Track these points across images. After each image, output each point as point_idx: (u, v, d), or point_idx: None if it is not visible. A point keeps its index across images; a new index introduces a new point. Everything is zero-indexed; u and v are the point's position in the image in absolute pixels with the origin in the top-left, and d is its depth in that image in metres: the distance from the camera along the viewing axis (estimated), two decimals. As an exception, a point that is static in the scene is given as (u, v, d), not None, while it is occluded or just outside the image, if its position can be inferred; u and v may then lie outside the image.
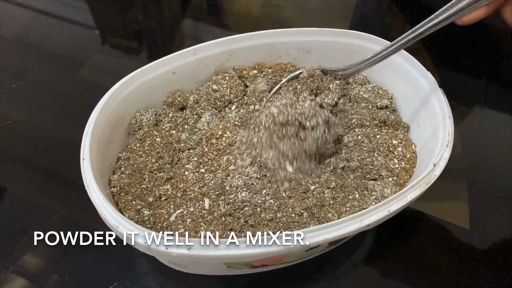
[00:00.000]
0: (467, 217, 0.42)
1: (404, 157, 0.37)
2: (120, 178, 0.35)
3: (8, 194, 0.43)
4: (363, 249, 0.39)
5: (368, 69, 0.42)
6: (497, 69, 0.59)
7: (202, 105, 0.41)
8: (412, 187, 0.29)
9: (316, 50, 0.43)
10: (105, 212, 0.28)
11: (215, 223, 0.32)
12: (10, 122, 0.50)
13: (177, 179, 0.35)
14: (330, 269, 0.38)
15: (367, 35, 0.40)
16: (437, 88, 0.35)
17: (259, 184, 0.34)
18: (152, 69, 0.38)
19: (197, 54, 0.40)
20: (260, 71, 0.43)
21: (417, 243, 0.41)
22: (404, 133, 0.39)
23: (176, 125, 0.39)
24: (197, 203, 0.33)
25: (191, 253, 0.25)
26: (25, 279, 0.37)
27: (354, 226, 0.27)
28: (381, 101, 0.40)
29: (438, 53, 0.60)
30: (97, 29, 0.65)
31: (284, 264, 0.36)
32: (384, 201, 0.28)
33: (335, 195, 0.34)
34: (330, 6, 0.72)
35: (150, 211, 0.33)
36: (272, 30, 0.41)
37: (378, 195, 0.34)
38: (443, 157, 0.31)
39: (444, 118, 0.34)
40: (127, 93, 0.37)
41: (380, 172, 0.36)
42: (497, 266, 0.38)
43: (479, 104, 0.54)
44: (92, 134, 0.32)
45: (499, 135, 0.50)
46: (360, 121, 0.39)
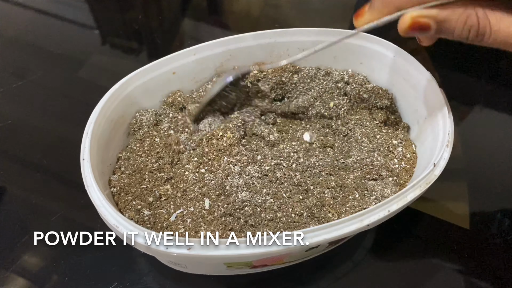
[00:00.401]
0: (467, 217, 0.42)
1: (404, 157, 0.37)
2: (120, 178, 0.35)
3: (8, 194, 0.43)
4: (363, 249, 0.39)
5: (368, 70, 0.42)
6: (497, 69, 0.59)
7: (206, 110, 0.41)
8: (412, 187, 0.29)
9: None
10: (105, 212, 0.28)
11: (215, 223, 0.32)
12: (10, 122, 0.50)
13: (177, 179, 0.35)
14: (330, 269, 0.38)
15: (367, 35, 0.40)
16: (437, 88, 0.35)
17: (259, 184, 0.34)
18: (152, 69, 0.38)
19: (197, 54, 0.40)
20: (260, 71, 0.43)
21: (417, 243, 0.41)
22: (404, 133, 0.39)
23: (176, 125, 0.39)
24: (197, 203, 0.33)
25: (191, 253, 0.25)
26: (25, 279, 0.37)
27: (354, 226, 0.27)
28: (381, 101, 0.40)
29: (438, 53, 0.60)
30: (97, 29, 0.65)
31: (284, 264, 0.36)
32: (384, 201, 0.28)
33: (335, 195, 0.34)
34: (330, 6, 0.72)
35: (150, 211, 0.33)
36: (272, 30, 0.41)
37: (378, 195, 0.34)
38: (443, 157, 0.31)
39: (444, 118, 0.33)
40: (127, 93, 0.37)
41: (380, 172, 0.36)
42: (497, 266, 0.39)
43: (479, 104, 0.54)
44: (92, 134, 0.32)
45: (499, 135, 0.50)
46: (360, 121, 0.39)
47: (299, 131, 0.40)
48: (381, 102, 0.40)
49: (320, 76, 0.43)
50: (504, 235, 0.40)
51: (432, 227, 0.41)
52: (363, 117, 0.40)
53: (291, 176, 0.35)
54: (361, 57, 0.42)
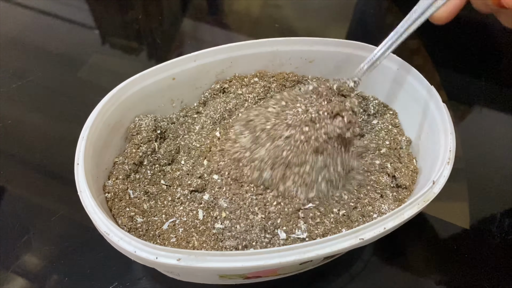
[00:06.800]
0: (467, 217, 0.42)
1: (404, 173, 0.36)
2: (114, 183, 0.34)
3: (8, 194, 0.43)
4: (361, 262, 0.39)
5: (370, 81, 0.41)
6: (497, 69, 0.59)
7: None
8: (410, 204, 0.29)
9: (319, 59, 0.42)
10: (97, 218, 0.28)
11: (207, 233, 0.31)
12: (10, 122, 0.50)
13: (172, 188, 0.35)
14: (326, 282, 0.38)
15: (371, 47, 0.40)
16: (440, 103, 0.35)
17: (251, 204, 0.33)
18: (151, 74, 0.38)
19: (198, 61, 0.39)
20: (262, 79, 0.43)
21: (417, 243, 0.41)
22: (406, 147, 0.39)
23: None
24: (190, 212, 0.33)
25: (181, 264, 0.25)
26: (25, 279, 0.37)
27: (349, 242, 0.27)
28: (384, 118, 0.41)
29: (438, 53, 0.60)
30: (97, 29, 0.66)
31: (279, 276, 0.36)
32: (381, 218, 0.28)
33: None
34: (330, 6, 0.71)
35: (143, 218, 0.33)
36: (274, 38, 0.41)
37: (376, 210, 0.33)
38: (443, 175, 0.30)
39: (446, 134, 0.33)
40: (125, 98, 0.36)
41: (385, 190, 0.35)
42: (497, 266, 0.38)
43: (479, 104, 0.54)
44: (87, 138, 0.32)
45: (499, 135, 0.50)
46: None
47: None
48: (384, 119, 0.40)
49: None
50: (504, 235, 0.40)
51: (432, 227, 0.41)
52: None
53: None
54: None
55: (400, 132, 0.40)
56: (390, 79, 0.40)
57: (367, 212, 0.33)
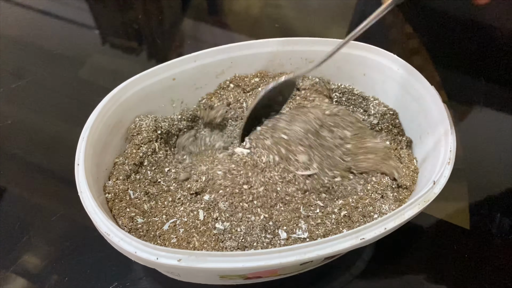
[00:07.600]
0: (467, 217, 0.42)
1: (405, 173, 0.36)
2: (115, 184, 0.34)
3: (8, 194, 0.43)
4: (362, 261, 0.39)
5: (371, 81, 0.42)
6: (497, 69, 0.59)
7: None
8: (410, 205, 0.29)
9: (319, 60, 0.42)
10: (97, 219, 0.28)
11: (207, 234, 0.31)
12: (10, 122, 0.50)
13: (173, 189, 0.35)
14: (327, 282, 0.38)
15: (371, 47, 0.40)
16: (441, 103, 0.35)
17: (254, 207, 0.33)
18: (151, 75, 0.38)
19: (198, 61, 0.40)
20: (262, 79, 0.43)
21: (417, 243, 0.41)
22: (407, 148, 0.39)
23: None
24: (191, 213, 0.33)
25: (181, 264, 0.25)
26: (25, 279, 0.37)
27: (349, 242, 0.27)
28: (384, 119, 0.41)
29: (438, 53, 0.60)
30: (97, 29, 0.66)
31: (279, 276, 0.36)
32: (382, 218, 0.28)
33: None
34: (330, 6, 0.71)
35: (143, 219, 0.33)
36: (275, 38, 0.41)
37: (376, 210, 0.33)
38: (443, 175, 0.30)
39: (447, 134, 0.33)
40: (125, 99, 0.36)
41: (385, 190, 0.35)
42: (497, 266, 0.39)
43: (479, 104, 0.54)
44: (88, 139, 0.32)
45: (499, 135, 0.50)
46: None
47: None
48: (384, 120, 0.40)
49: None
50: (504, 235, 0.40)
51: (432, 227, 0.41)
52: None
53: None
54: (364, 69, 0.41)
55: (401, 132, 0.40)
56: (390, 79, 0.40)
57: (367, 213, 0.33)
